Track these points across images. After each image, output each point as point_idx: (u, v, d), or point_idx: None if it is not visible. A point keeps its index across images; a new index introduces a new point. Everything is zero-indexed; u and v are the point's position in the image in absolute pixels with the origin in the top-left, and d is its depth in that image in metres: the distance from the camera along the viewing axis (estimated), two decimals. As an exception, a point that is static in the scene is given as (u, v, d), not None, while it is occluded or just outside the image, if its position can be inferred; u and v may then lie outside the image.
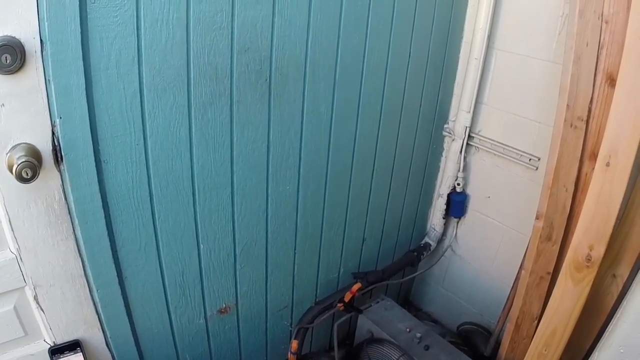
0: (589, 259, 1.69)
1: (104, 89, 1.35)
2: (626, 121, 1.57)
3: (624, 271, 1.80)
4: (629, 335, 1.53)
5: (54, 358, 1.58)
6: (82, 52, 1.26)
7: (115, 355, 1.76)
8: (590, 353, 1.77)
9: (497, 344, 2.39)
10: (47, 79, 1.23)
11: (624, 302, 1.57)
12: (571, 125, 1.86)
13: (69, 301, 1.55)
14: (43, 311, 1.52)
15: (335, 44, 1.84)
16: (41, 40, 1.19)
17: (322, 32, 1.78)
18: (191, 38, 1.46)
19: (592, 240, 1.68)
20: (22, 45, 1.16)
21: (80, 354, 1.62)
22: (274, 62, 1.69)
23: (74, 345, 1.61)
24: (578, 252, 1.72)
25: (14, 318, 1.51)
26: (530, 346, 1.93)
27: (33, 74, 1.21)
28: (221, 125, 1.65)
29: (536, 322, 2.09)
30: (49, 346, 1.59)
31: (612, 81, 1.76)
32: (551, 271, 2.03)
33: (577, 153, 1.88)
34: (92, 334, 1.66)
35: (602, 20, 1.77)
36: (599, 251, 1.67)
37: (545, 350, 1.86)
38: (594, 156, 1.80)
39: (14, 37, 1.14)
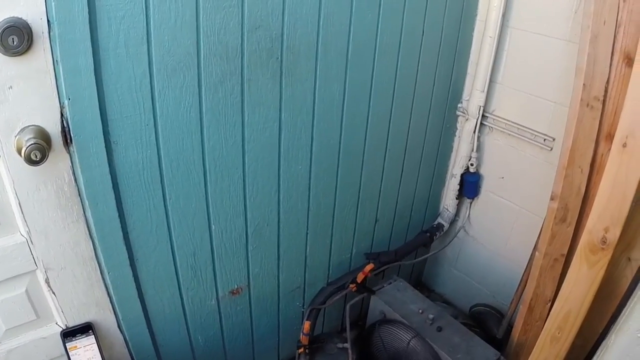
0: (604, 241, 1.67)
1: (113, 69, 1.33)
2: (644, 101, 1.54)
3: (639, 255, 1.77)
4: (647, 320, 1.51)
5: (66, 341, 1.59)
6: (90, 32, 1.24)
7: (127, 337, 1.76)
8: (603, 336, 1.75)
9: (510, 326, 2.38)
10: (55, 60, 1.22)
11: (641, 286, 1.55)
12: (587, 105, 1.83)
13: (80, 284, 1.55)
14: (54, 294, 1.52)
15: (348, 22, 1.81)
16: (48, 20, 1.17)
17: (334, 10, 1.75)
18: (201, 16, 1.43)
19: (607, 222, 1.65)
20: (29, 27, 1.14)
21: (93, 336, 1.62)
22: (285, 40, 1.67)
23: (86, 328, 1.62)
24: (593, 235, 1.69)
25: (26, 301, 1.51)
26: (544, 329, 1.91)
27: (41, 56, 1.19)
28: (232, 104, 1.63)
29: (549, 304, 2.07)
30: (61, 329, 1.60)
31: (629, 61, 1.73)
32: (565, 253, 2.01)
33: (593, 134, 1.85)
34: (104, 317, 1.67)
35: (619, -2, 1.74)
36: (615, 234, 1.64)
37: (559, 333, 1.84)
38: (610, 137, 1.77)
39: (20, 18, 1.12)
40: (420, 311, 2.27)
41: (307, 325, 2.17)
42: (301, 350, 2.18)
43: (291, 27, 1.66)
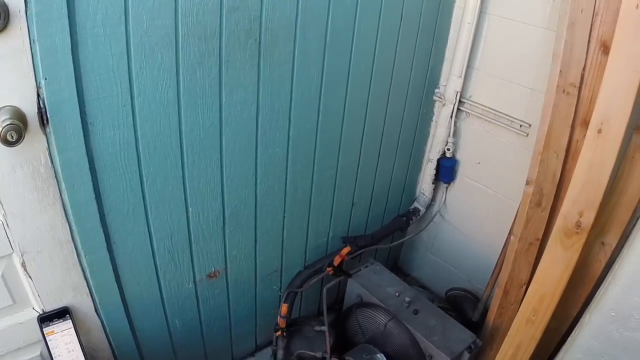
0: (578, 225, 1.69)
1: (90, 49, 1.31)
2: (619, 89, 1.55)
3: (612, 239, 1.80)
4: (620, 299, 1.55)
5: (43, 326, 1.58)
6: (68, 12, 1.22)
7: (104, 322, 1.76)
8: (577, 319, 1.78)
9: (485, 309, 2.40)
10: (31, 39, 1.20)
11: (615, 266, 1.58)
12: (563, 92, 1.85)
13: (57, 268, 1.54)
14: (31, 278, 1.51)
15: (327, 5, 1.80)
16: (25, -1, 1.15)
17: (313, -7, 1.74)
18: (179, -3, 1.42)
19: (582, 207, 1.68)
20: (6, 5, 1.12)
21: (70, 321, 1.61)
22: (264, 22, 1.65)
23: (63, 313, 1.61)
24: (568, 219, 1.72)
25: (2, 286, 1.50)
26: (519, 312, 1.93)
27: (17, 35, 1.18)
28: (210, 85, 1.62)
29: (524, 287, 2.10)
30: (37, 314, 1.59)
31: (605, 49, 1.74)
32: (540, 237, 2.03)
33: (568, 120, 1.87)
34: (81, 301, 1.66)
35: (597, -14, 1.75)
36: (589, 218, 1.67)
37: (534, 316, 1.86)
38: (586, 123, 1.79)
39: (-4, -4, 1.10)
40: (397, 294, 2.28)
41: (284, 307, 2.17)
42: (279, 333, 2.18)
43: (270, 8, 1.64)
